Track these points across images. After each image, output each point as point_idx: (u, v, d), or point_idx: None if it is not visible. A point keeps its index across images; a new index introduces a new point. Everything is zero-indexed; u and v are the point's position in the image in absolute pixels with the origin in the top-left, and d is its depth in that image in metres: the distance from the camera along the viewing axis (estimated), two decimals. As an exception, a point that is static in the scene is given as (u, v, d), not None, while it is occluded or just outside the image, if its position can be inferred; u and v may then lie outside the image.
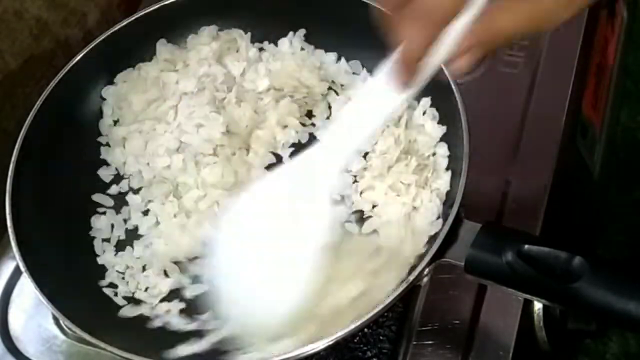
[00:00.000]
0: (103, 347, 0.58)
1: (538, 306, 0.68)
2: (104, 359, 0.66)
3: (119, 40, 0.75)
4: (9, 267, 0.73)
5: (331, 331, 0.56)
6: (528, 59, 0.78)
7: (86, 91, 0.75)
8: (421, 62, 0.49)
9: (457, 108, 0.64)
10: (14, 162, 0.67)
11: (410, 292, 0.64)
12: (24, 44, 0.81)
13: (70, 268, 0.66)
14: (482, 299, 0.65)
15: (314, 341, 0.56)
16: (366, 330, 0.65)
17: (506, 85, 0.77)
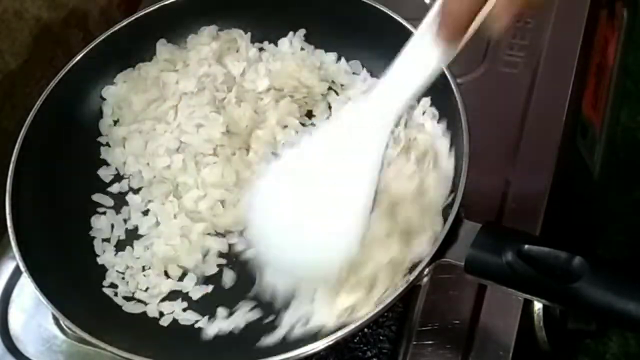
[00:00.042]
0: (103, 347, 0.58)
1: (538, 306, 0.68)
2: (104, 359, 0.66)
3: (119, 40, 0.75)
4: (9, 267, 0.73)
5: (371, 301, 0.58)
6: (528, 59, 0.78)
7: (86, 91, 0.75)
8: (469, 21, 0.49)
9: (457, 108, 0.64)
10: (14, 162, 0.67)
11: (410, 292, 0.64)
12: (24, 44, 0.81)
13: (70, 268, 0.66)
14: (482, 299, 0.65)
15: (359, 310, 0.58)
16: (366, 330, 0.65)
17: (506, 85, 0.77)
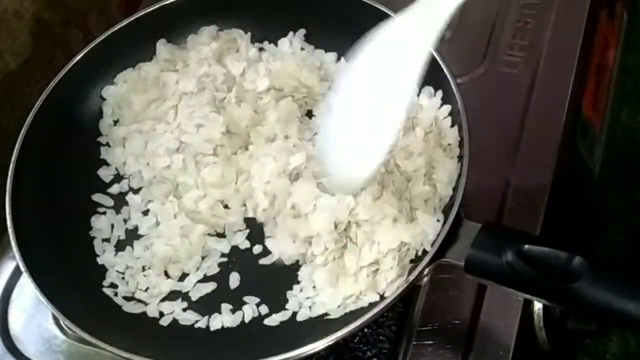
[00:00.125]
0: (103, 347, 0.58)
1: (538, 306, 0.68)
2: (104, 359, 0.66)
3: (119, 40, 0.75)
4: (9, 267, 0.73)
5: (375, 288, 0.60)
6: (528, 59, 0.78)
7: (86, 91, 0.75)
8: None
9: (457, 108, 0.64)
10: (14, 162, 0.67)
11: (410, 292, 0.64)
12: (24, 44, 0.81)
13: (70, 268, 0.66)
14: (482, 299, 0.65)
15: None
16: (366, 330, 0.65)
17: (506, 85, 0.77)
